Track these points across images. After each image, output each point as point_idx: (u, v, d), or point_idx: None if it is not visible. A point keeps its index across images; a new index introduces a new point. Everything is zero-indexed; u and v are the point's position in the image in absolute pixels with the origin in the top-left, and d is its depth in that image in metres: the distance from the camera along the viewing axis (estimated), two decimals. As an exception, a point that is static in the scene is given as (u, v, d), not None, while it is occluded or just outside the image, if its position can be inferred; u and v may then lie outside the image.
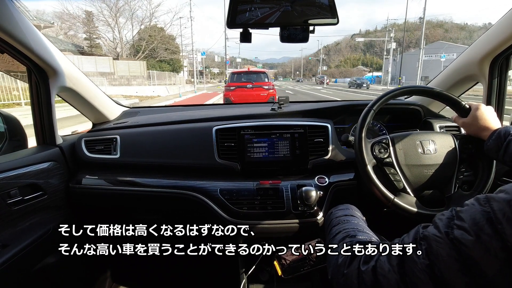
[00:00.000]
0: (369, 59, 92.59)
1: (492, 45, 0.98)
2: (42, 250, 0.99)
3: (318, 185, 1.02)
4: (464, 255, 0.38)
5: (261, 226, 0.98)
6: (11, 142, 1.10)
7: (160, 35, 26.40)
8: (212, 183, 1.05)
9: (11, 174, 0.90)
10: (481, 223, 0.38)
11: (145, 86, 19.28)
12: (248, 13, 0.75)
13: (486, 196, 0.41)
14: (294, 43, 0.81)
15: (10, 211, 0.90)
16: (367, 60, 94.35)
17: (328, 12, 0.76)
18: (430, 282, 0.41)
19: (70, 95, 1.18)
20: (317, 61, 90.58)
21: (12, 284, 0.89)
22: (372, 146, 0.89)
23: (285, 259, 0.90)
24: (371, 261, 0.50)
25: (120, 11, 24.23)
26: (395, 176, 0.85)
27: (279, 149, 1.08)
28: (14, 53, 0.91)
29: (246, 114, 1.23)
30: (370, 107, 0.88)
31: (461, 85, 1.21)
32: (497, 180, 1.00)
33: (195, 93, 19.78)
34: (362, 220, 0.81)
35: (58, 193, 1.06)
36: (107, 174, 1.14)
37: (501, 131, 0.76)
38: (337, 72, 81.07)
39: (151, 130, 1.22)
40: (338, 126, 1.32)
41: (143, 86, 19.18)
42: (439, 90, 0.89)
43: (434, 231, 0.43)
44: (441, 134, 0.91)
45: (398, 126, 1.32)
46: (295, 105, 1.37)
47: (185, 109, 1.68)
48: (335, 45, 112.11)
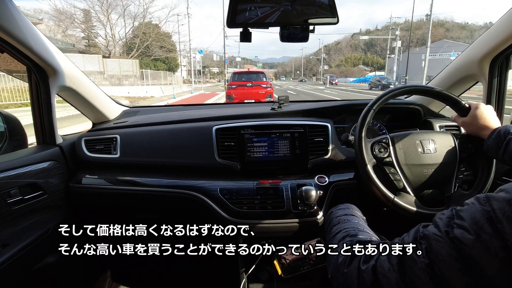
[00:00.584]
0: (370, 59, 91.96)
1: (492, 45, 0.98)
2: (42, 249, 0.99)
3: (318, 185, 1.02)
4: (464, 254, 0.38)
5: (261, 226, 0.98)
6: (11, 141, 1.10)
7: (155, 32, 24.61)
8: (212, 182, 1.05)
9: (11, 173, 0.90)
10: (481, 222, 0.38)
11: (138, 86, 18.43)
12: (248, 12, 0.75)
13: (486, 196, 0.41)
14: (294, 43, 0.81)
15: (10, 210, 0.90)
16: (368, 59, 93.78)
17: (328, 11, 0.76)
18: (430, 281, 0.41)
19: (70, 95, 1.18)
20: (317, 60, 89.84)
21: (12, 283, 0.89)
22: (372, 146, 0.89)
23: (285, 258, 0.90)
24: (371, 260, 0.50)
25: (112, 6, 22.69)
26: (395, 176, 0.85)
27: (279, 148, 1.08)
28: (14, 53, 0.91)
29: (246, 114, 1.23)
30: (370, 106, 0.88)
31: (461, 85, 1.21)
32: (497, 180, 1.00)
33: (191, 93, 19.09)
34: (362, 220, 0.81)
35: (58, 193, 1.06)
36: (107, 173, 1.14)
37: (500, 130, 0.76)
38: (338, 71, 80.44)
39: (151, 130, 1.22)
40: (338, 126, 1.32)
41: (136, 86, 18.34)
42: (439, 90, 0.89)
43: (434, 230, 0.43)
44: (441, 134, 0.91)
45: (398, 125, 1.32)
46: (295, 104, 1.37)
47: (185, 108, 1.68)
48: (335, 45, 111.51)
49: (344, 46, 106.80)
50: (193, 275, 1.40)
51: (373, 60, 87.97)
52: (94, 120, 1.37)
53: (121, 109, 1.50)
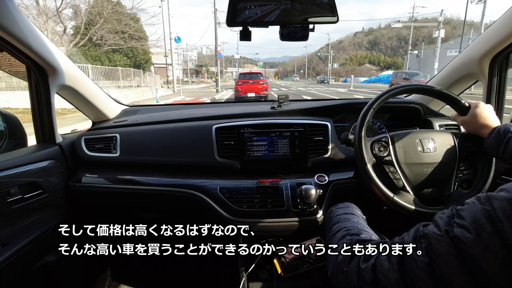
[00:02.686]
0: (376, 57, 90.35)
1: (492, 44, 0.98)
2: (42, 248, 0.99)
3: (317, 184, 1.02)
4: (464, 253, 0.38)
5: (260, 225, 0.98)
6: (10, 140, 1.10)
7: (111, 9, 14.74)
8: (211, 181, 1.05)
9: (10, 172, 0.90)
10: (481, 221, 0.38)
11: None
12: (248, 11, 0.75)
13: (487, 195, 0.41)
14: (295, 41, 0.81)
15: (10, 209, 0.90)
16: (374, 58, 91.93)
17: (328, 10, 0.75)
18: (430, 280, 0.41)
19: (70, 94, 1.18)
20: (320, 59, 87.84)
21: (12, 282, 0.89)
22: (371, 145, 0.89)
23: (284, 257, 0.90)
24: (371, 259, 0.50)
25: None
26: (394, 175, 0.86)
27: (279, 147, 1.08)
28: (13, 52, 0.91)
29: (246, 113, 1.22)
30: (370, 105, 0.88)
31: (461, 84, 1.21)
32: (497, 179, 1.00)
33: (157, 101, 10.64)
34: (362, 219, 0.81)
35: (58, 192, 1.06)
36: (107, 172, 1.14)
37: (500, 129, 0.76)
38: (343, 70, 77.92)
39: (151, 129, 1.22)
40: (338, 125, 1.32)
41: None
42: (439, 89, 0.89)
43: (434, 229, 0.43)
44: (440, 133, 0.91)
45: (397, 124, 1.32)
46: (295, 103, 1.37)
47: (185, 107, 1.68)
48: (338, 43, 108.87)
49: (347, 45, 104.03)
50: (193, 275, 1.40)
51: (379, 59, 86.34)
52: (94, 119, 1.37)
53: (121, 108, 1.50)
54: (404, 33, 74.50)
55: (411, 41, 36.08)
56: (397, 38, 77.43)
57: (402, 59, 60.24)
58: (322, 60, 71.95)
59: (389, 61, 64.68)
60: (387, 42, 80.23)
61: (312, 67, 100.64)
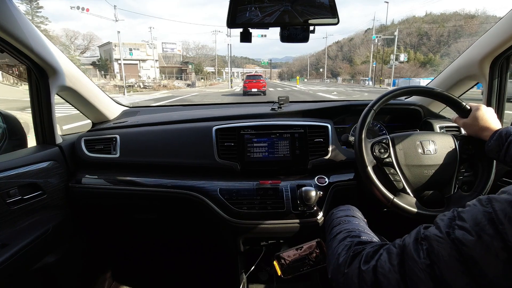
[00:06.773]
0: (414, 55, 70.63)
1: (492, 46, 0.98)
2: (42, 249, 0.99)
3: (318, 185, 1.02)
4: (465, 255, 0.38)
5: (261, 226, 0.98)
6: (10, 141, 1.10)
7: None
8: (211, 183, 1.05)
9: (10, 173, 0.90)
10: (482, 224, 0.38)
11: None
12: (248, 12, 0.75)
13: (488, 197, 0.41)
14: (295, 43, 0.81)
15: (9, 210, 0.90)
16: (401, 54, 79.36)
17: (329, 11, 0.76)
18: (431, 282, 0.40)
19: (70, 95, 1.18)
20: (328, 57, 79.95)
21: (11, 283, 0.89)
22: (372, 146, 0.89)
23: (284, 259, 0.90)
24: (372, 261, 0.50)
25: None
26: (395, 176, 0.85)
27: (279, 149, 1.08)
28: (14, 52, 0.91)
29: (246, 114, 1.22)
30: (371, 107, 0.88)
31: (461, 86, 1.21)
32: (497, 181, 1.00)
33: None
34: (363, 221, 0.81)
35: (57, 193, 1.06)
36: (106, 173, 1.14)
37: (502, 132, 0.76)
38: (364, 69, 60.14)
39: (151, 130, 1.22)
40: (338, 126, 1.32)
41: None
42: (440, 91, 0.89)
43: (435, 231, 0.43)
44: (441, 135, 0.91)
45: (398, 126, 1.32)
46: (295, 105, 1.37)
47: (185, 108, 1.68)
48: (349, 41, 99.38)
49: (360, 43, 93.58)
50: (193, 275, 1.40)
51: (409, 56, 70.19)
52: (94, 120, 1.37)
53: (121, 109, 1.50)
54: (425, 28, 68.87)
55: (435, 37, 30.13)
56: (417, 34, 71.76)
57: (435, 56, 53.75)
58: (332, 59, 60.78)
59: (422, 58, 58.68)
60: (406, 39, 73.23)
61: (320, 67, 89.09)
